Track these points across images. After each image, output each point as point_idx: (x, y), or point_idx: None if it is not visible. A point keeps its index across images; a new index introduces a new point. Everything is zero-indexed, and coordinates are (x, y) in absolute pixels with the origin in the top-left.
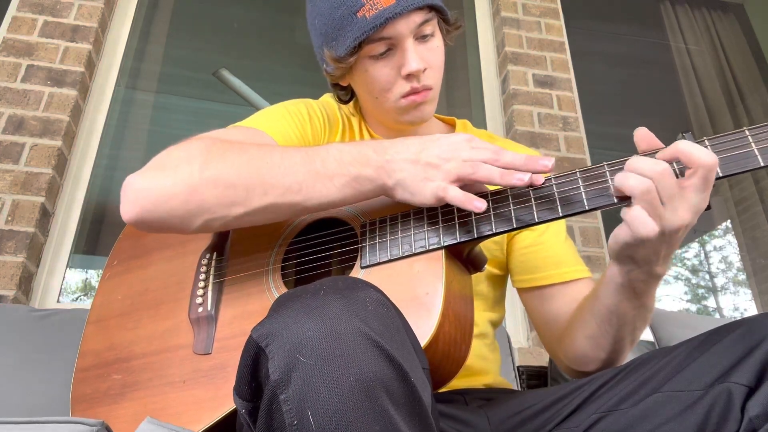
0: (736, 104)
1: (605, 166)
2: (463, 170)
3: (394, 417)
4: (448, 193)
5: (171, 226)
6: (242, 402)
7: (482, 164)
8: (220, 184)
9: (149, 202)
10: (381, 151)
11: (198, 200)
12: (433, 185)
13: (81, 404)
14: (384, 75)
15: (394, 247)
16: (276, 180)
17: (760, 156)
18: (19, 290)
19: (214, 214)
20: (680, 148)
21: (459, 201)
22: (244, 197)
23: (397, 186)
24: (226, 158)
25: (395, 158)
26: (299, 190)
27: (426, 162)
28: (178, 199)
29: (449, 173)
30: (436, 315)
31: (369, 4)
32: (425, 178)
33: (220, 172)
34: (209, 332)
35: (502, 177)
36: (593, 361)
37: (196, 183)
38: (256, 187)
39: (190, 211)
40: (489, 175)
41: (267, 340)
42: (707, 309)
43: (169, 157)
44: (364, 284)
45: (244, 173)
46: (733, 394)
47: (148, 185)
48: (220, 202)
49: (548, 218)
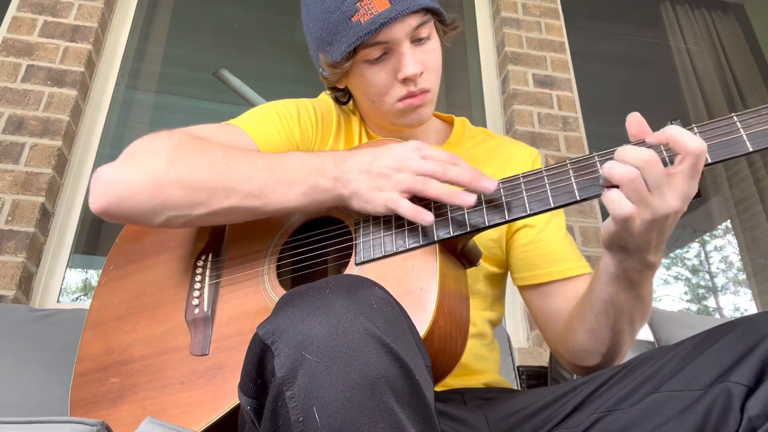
0: (736, 104)
1: (595, 157)
2: (414, 185)
3: (398, 415)
4: (399, 205)
5: (136, 219)
6: (247, 399)
7: (431, 181)
8: (184, 184)
9: (116, 195)
10: (339, 162)
11: (162, 198)
12: (384, 195)
13: (80, 408)
14: (380, 79)
15: (387, 243)
16: (238, 184)
17: (748, 141)
18: (19, 290)
19: (177, 212)
20: (670, 133)
21: (409, 215)
22: (206, 199)
23: (352, 195)
24: (192, 159)
25: (351, 168)
26: (259, 196)
27: (377, 172)
28: (144, 195)
29: (399, 184)
30: (430, 310)
31: (363, 9)
32: (376, 188)
33: (184, 173)
34: (206, 333)
35: (450, 197)
36: (594, 355)
37: (161, 181)
38: (219, 191)
39: (154, 207)
40: (438, 194)
41: (273, 338)
42: (707, 309)
43: (138, 150)
44: (369, 282)
45: (207, 176)
46: (733, 393)
47: (117, 179)
48: (183, 203)
49: (540, 209)
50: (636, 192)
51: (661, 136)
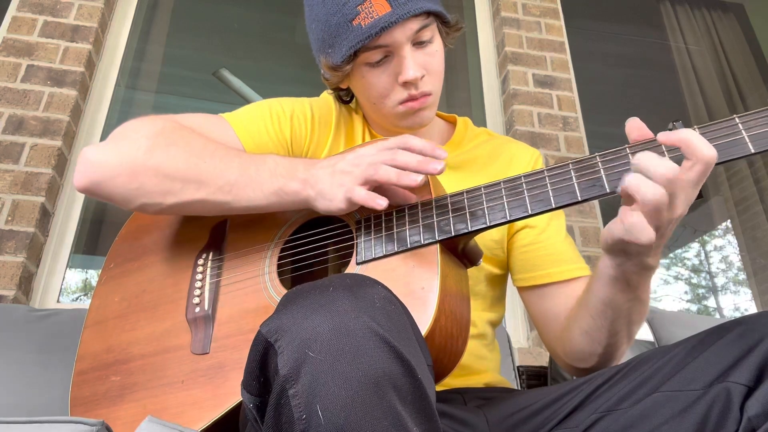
0: (736, 104)
1: (597, 157)
2: (367, 173)
3: (401, 413)
4: (354, 193)
5: (115, 201)
6: (250, 397)
7: (382, 165)
8: (159, 173)
9: (97, 176)
10: (309, 167)
11: (137, 184)
12: (344, 189)
13: (80, 407)
14: (381, 82)
15: (389, 242)
16: (210, 179)
17: (750, 143)
18: (19, 290)
19: (150, 199)
20: (684, 137)
21: (363, 200)
22: (178, 189)
23: (318, 196)
24: (170, 149)
25: (318, 173)
26: (229, 191)
27: (339, 170)
28: (121, 179)
29: (357, 177)
30: (432, 309)
31: (364, 13)
32: (338, 185)
33: (161, 162)
34: (207, 332)
35: (399, 178)
36: (590, 356)
37: (138, 168)
38: (191, 182)
39: (129, 191)
40: (387, 176)
41: (276, 335)
42: (707, 309)
43: (123, 134)
44: (372, 281)
45: (182, 167)
46: (732, 393)
47: (98, 160)
48: (157, 190)
49: (541, 210)
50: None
51: (674, 138)
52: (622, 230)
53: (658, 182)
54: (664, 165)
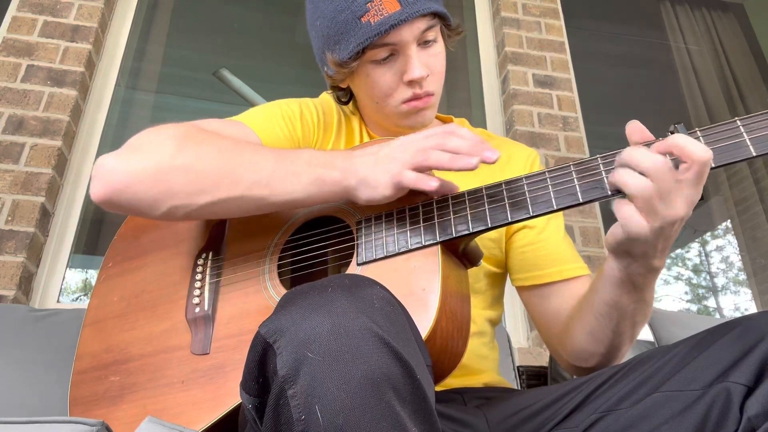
0: (736, 104)
1: (599, 159)
2: (416, 158)
3: (400, 414)
4: (404, 176)
5: (138, 209)
6: (249, 397)
7: (432, 151)
8: (190, 171)
9: (119, 183)
10: (348, 158)
11: (166, 186)
12: (390, 174)
13: (79, 406)
14: (386, 80)
15: (390, 243)
16: (246, 173)
17: (751, 146)
18: (19, 290)
19: (180, 201)
20: (676, 142)
21: (413, 182)
22: (212, 187)
23: (359, 184)
24: (200, 147)
25: (358, 161)
26: (267, 185)
27: (384, 156)
28: (147, 183)
29: (405, 162)
30: (433, 310)
31: (374, 10)
32: (384, 171)
33: (191, 161)
34: (207, 332)
35: (451, 161)
36: (593, 356)
37: (166, 169)
38: (225, 178)
39: (157, 195)
40: (438, 160)
41: (275, 336)
42: (708, 309)
43: (143, 139)
44: (370, 282)
45: (214, 164)
46: (732, 393)
47: (120, 167)
48: (187, 190)
49: (543, 211)
50: (648, 203)
51: (665, 144)
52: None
53: (641, 171)
54: (647, 156)
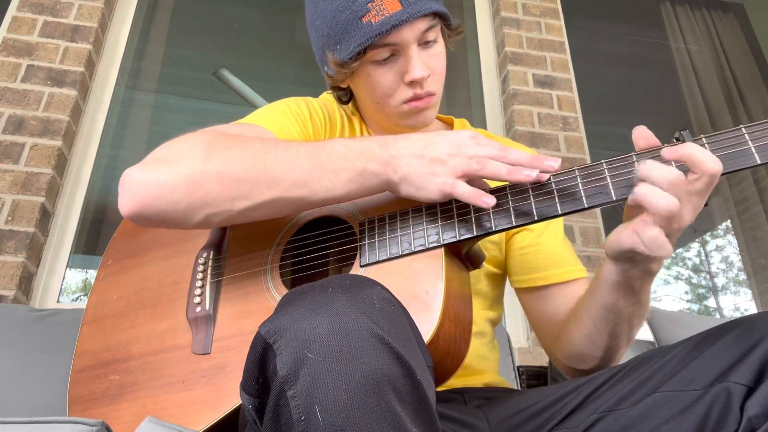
0: (736, 104)
1: (604, 164)
2: (470, 166)
3: (400, 414)
4: (457, 188)
5: (171, 220)
6: (249, 398)
7: (489, 160)
8: (224, 177)
9: (150, 195)
10: (386, 147)
11: (201, 194)
12: (439, 180)
13: (78, 405)
14: (387, 80)
15: (393, 245)
16: (281, 174)
17: (756, 154)
18: (19, 290)
19: (217, 208)
20: (688, 152)
21: (468, 196)
22: (248, 191)
23: (402, 181)
24: (230, 151)
25: (401, 153)
26: (305, 185)
27: (431, 157)
28: (180, 192)
29: (455, 169)
30: (436, 313)
31: (375, 10)
32: (431, 173)
33: (223, 166)
34: (208, 332)
35: (510, 173)
36: (590, 358)
37: (198, 176)
38: (261, 181)
39: (192, 204)
40: (497, 171)
41: (275, 336)
42: (708, 309)
43: (169, 149)
44: (371, 282)
45: (248, 167)
46: (732, 393)
47: (149, 179)
48: (224, 196)
49: (548, 215)
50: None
51: (678, 153)
52: (636, 242)
53: (665, 189)
54: (671, 173)
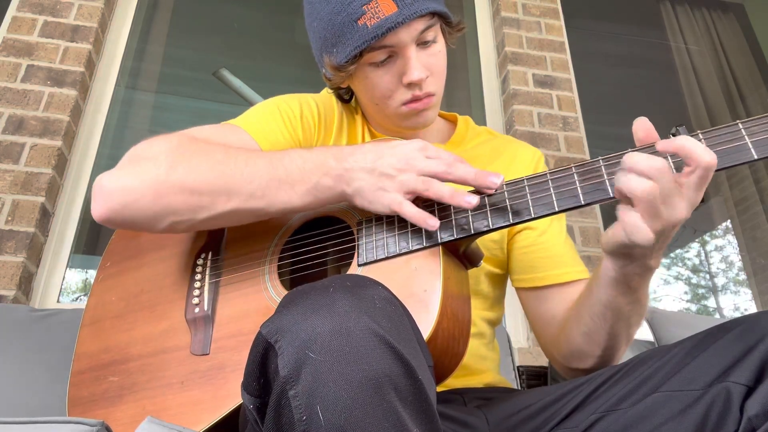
0: (736, 104)
1: (600, 161)
2: (417, 186)
3: (401, 414)
4: (403, 208)
5: (140, 225)
6: (250, 398)
7: (434, 182)
8: (185, 188)
9: (117, 203)
10: (341, 160)
11: (164, 203)
12: (389, 197)
13: (78, 407)
14: (385, 82)
15: (390, 244)
16: (240, 186)
17: (753, 149)
18: (19, 290)
19: (180, 216)
20: (681, 144)
21: (413, 218)
22: (209, 202)
23: (355, 194)
24: (192, 162)
25: (353, 167)
26: (262, 197)
27: (380, 172)
28: (146, 200)
29: (403, 185)
30: (434, 312)
31: (370, 13)
32: (380, 188)
33: (185, 177)
34: (207, 333)
35: (452, 197)
36: (589, 357)
37: (162, 186)
38: (221, 193)
39: (156, 213)
40: (440, 194)
41: (276, 336)
42: (707, 309)
43: (137, 155)
44: (372, 282)
45: (209, 178)
46: (732, 393)
47: (116, 186)
48: (186, 207)
49: (545, 213)
50: (650, 206)
51: (672, 145)
52: (623, 235)
53: (643, 174)
54: (650, 160)
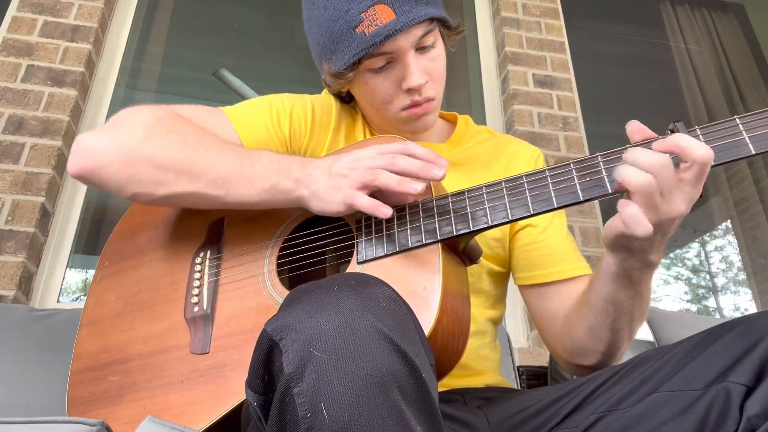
0: (736, 104)
1: (599, 157)
2: (366, 177)
3: (405, 412)
4: (356, 199)
5: (108, 188)
6: (254, 395)
7: (382, 171)
8: (153, 162)
9: (90, 164)
10: (304, 167)
11: (130, 172)
12: (343, 192)
13: (78, 407)
14: (384, 88)
15: (390, 242)
16: (204, 172)
17: (751, 144)
18: (19, 290)
19: (142, 188)
20: (677, 142)
21: (365, 207)
22: (171, 180)
23: (312, 197)
24: (166, 138)
25: (314, 173)
26: (222, 186)
27: (335, 173)
28: (115, 167)
29: (355, 180)
30: (434, 309)
31: (368, 20)
32: (335, 187)
33: (155, 151)
34: (206, 331)
35: (399, 184)
36: (592, 353)
37: (132, 156)
38: (184, 174)
39: (121, 179)
40: (387, 183)
41: (281, 334)
42: (707, 309)
43: (119, 121)
44: (376, 281)
45: (178, 157)
46: (732, 393)
47: (93, 147)
48: (149, 179)
49: (543, 209)
50: (649, 199)
51: (666, 144)
52: (621, 226)
53: (643, 169)
54: (649, 154)
